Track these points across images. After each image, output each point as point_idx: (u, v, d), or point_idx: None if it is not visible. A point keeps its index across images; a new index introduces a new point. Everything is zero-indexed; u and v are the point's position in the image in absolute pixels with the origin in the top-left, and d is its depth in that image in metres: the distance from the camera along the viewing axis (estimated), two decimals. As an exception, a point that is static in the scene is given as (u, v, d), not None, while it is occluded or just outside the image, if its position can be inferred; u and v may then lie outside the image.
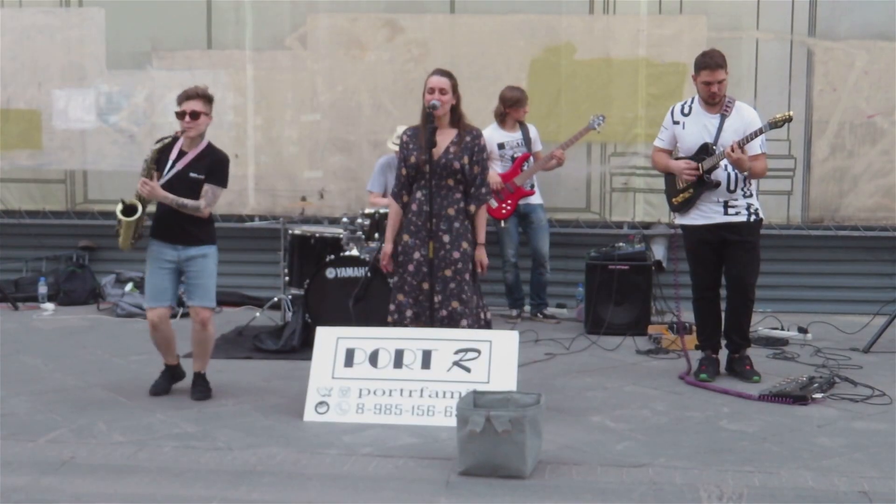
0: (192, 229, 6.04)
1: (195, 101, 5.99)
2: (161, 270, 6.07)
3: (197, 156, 6.03)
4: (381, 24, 9.43)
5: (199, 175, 6.00)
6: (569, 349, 7.66)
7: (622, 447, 5.21)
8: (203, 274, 6.08)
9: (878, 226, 9.20)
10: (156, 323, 6.09)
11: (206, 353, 6.22)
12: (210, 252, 6.10)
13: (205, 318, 6.09)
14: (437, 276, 5.93)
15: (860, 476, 4.75)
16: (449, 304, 5.96)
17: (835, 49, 9.04)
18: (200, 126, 6.02)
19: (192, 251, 6.03)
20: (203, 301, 6.09)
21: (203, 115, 6.01)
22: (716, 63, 6.41)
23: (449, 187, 6.01)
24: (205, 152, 6.06)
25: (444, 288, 5.96)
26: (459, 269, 5.96)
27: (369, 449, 5.14)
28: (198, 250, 6.05)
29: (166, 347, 6.24)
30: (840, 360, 7.17)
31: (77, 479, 4.74)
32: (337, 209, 9.37)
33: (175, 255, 6.04)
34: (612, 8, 9.22)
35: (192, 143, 6.05)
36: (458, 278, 5.96)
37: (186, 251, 6.03)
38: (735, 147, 6.23)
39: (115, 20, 9.67)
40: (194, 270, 6.06)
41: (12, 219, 10.03)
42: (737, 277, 6.58)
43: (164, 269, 6.07)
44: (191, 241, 6.04)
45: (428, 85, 5.98)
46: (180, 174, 5.99)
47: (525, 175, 8.63)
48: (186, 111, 5.96)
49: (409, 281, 6.00)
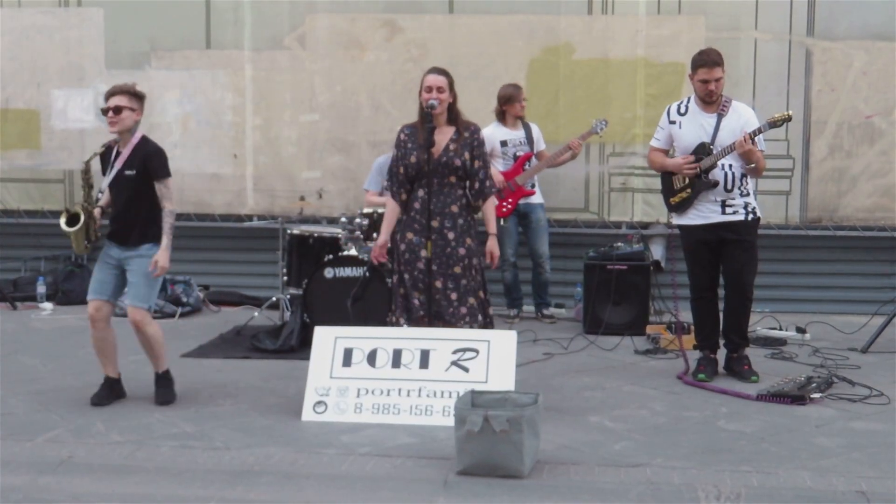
0: (136, 229, 5.89)
1: (119, 96, 5.86)
2: (104, 265, 5.96)
3: (131, 152, 5.91)
4: (379, 25, 9.44)
5: (132, 171, 5.86)
6: (567, 349, 7.66)
7: (620, 447, 5.21)
8: (136, 273, 5.87)
9: (877, 226, 9.20)
10: (93, 316, 5.90)
11: (156, 353, 6.02)
12: (148, 253, 5.88)
13: (137, 320, 5.87)
14: (447, 273, 5.94)
15: (858, 476, 4.75)
16: (466, 300, 5.97)
17: (833, 49, 9.05)
18: (125, 121, 5.87)
19: (132, 251, 5.89)
20: (133, 300, 5.88)
21: (126, 110, 5.86)
22: (713, 61, 6.41)
23: (451, 185, 6.01)
24: (137, 147, 5.91)
25: (458, 286, 5.96)
26: (467, 265, 5.98)
27: (367, 448, 5.15)
28: (136, 251, 5.89)
29: (104, 352, 6.02)
30: (838, 360, 7.17)
31: (75, 479, 4.74)
32: (335, 209, 9.37)
33: (118, 253, 5.92)
34: (611, 8, 9.23)
35: (125, 140, 5.93)
36: (468, 274, 5.97)
37: (127, 251, 5.90)
38: (747, 138, 6.24)
39: (113, 20, 9.67)
40: (132, 269, 5.89)
41: (11, 218, 10.03)
42: (735, 277, 6.58)
43: (107, 264, 5.95)
44: (132, 242, 5.89)
45: (425, 84, 5.98)
46: (118, 173, 5.90)
47: (527, 174, 8.63)
48: (110, 106, 5.86)
49: (423, 279, 5.97)
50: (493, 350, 5.73)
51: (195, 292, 9.33)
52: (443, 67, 6.10)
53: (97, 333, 5.98)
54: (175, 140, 9.60)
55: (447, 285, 5.95)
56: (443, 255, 5.94)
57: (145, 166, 5.89)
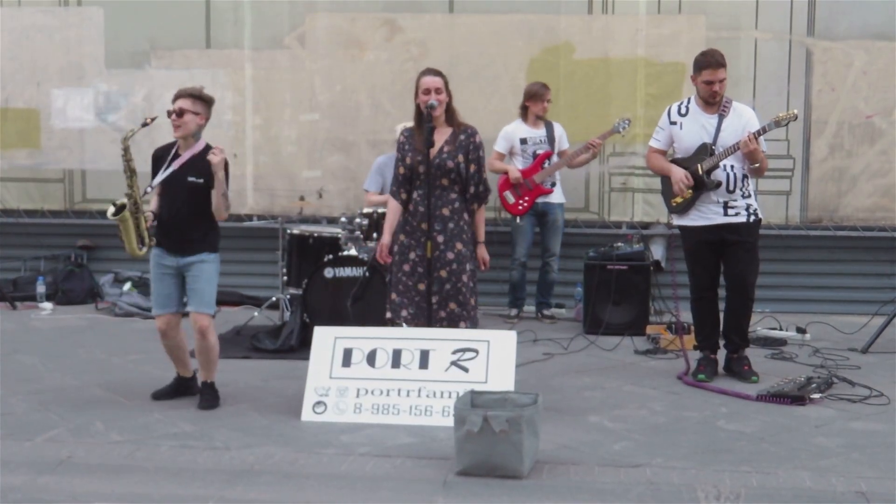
0: (191, 237, 5.84)
1: (184, 99, 5.80)
2: (163, 276, 5.90)
3: (192, 158, 5.84)
4: (379, 24, 9.44)
5: (198, 179, 5.78)
6: (567, 349, 7.66)
7: (620, 447, 5.21)
8: (200, 279, 5.85)
9: (877, 226, 9.20)
10: (163, 330, 5.93)
11: (211, 361, 6.00)
12: (210, 258, 5.88)
13: (202, 326, 5.83)
14: (432, 276, 5.92)
15: (858, 476, 4.75)
16: (447, 305, 5.96)
17: (833, 49, 9.05)
18: (188, 125, 5.79)
19: (190, 258, 5.83)
20: (199, 307, 5.84)
21: (189, 114, 5.78)
22: (717, 62, 6.41)
23: (443, 187, 6.00)
24: (201, 154, 5.83)
25: (441, 289, 5.95)
26: (454, 269, 5.95)
27: (367, 449, 5.14)
28: (196, 257, 5.84)
29: (175, 357, 6.08)
30: (838, 361, 7.17)
31: (74, 479, 4.73)
32: (335, 209, 9.38)
33: (174, 261, 5.86)
34: (611, 8, 9.23)
35: (186, 144, 5.86)
36: (453, 279, 5.95)
37: (184, 258, 5.84)
38: (752, 137, 6.23)
39: (113, 20, 9.68)
40: (191, 275, 5.85)
41: (11, 218, 10.03)
42: (737, 277, 6.57)
43: (165, 274, 5.89)
44: (189, 250, 5.83)
45: (422, 86, 5.96)
46: (177, 177, 5.81)
47: (545, 172, 8.61)
48: (174, 109, 5.79)
49: (405, 281, 6.00)
50: (493, 350, 5.72)
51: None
52: (436, 69, 6.09)
53: (169, 342, 6.02)
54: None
55: (430, 289, 5.93)
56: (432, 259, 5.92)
57: (212, 175, 5.77)
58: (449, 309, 5.96)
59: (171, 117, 5.81)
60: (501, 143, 8.67)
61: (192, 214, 5.83)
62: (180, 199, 5.82)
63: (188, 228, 5.83)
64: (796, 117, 6.46)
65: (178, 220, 5.83)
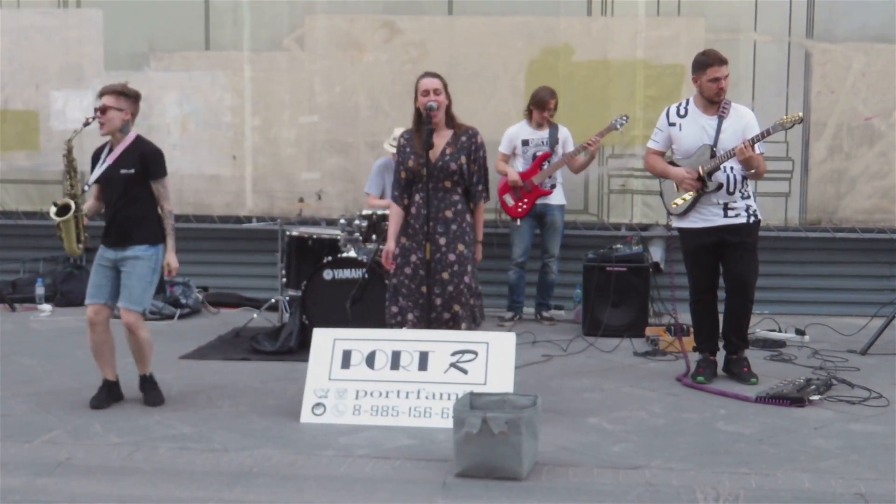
0: (129, 229, 5.86)
1: (108, 96, 5.84)
2: (100, 268, 5.91)
3: (124, 151, 5.89)
4: (378, 26, 9.44)
5: (129, 170, 5.84)
6: (566, 351, 7.66)
7: (619, 449, 5.21)
8: (131, 275, 5.83)
9: (876, 228, 9.21)
10: (92, 320, 5.85)
11: (145, 356, 6.00)
12: (146, 254, 5.86)
13: (129, 322, 5.83)
14: (434, 278, 5.92)
15: (857, 478, 4.74)
16: (450, 307, 5.96)
17: (832, 51, 9.05)
18: (113, 121, 5.84)
19: (127, 252, 5.85)
20: (127, 303, 5.82)
21: (113, 110, 5.83)
22: (721, 59, 6.45)
23: (446, 189, 6.00)
24: (133, 146, 5.89)
25: (444, 291, 5.95)
26: (456, 271, 5.95)
27: (366, 450, 5.14)
28: (132, 251, 5.85)
29: (102, 356, 5.96)
30: (837, 362, 7.17)
31: (73, 480, 4.73)
32: (334, 210, 9.38)
33: (112, 254, 5.88)
34: (611, 10, 9.23)
35: (116, 139, 5.91)
36: (455, 281, 5.95)
37: (122, 252, 5.86)
38: (748, 145, 6.24)
39: (112, 21, 9.68)
40: (124, 271, 5.86)
41: (10, 220, 10.03)
42: (737, 279, 6.57)
43: (102, 266, 5.90)
44: (126, 242, 5.86)
45: (421, 88, 5.97)
46: (111, 171, 5.86)
47: (544, 174, 8.61)
48: (97, 106, 5.85)
49: (408, 284, 5.99)
50: (492, 352, 5.72)
51: (194, 294, 9.33)
52: (435, 71, 6.10)
53: (96, 337, 5.93)
54: (174, 141, 9.61)
55: (433, 291, 5.93)
56: (432, 261, 5.92)
57: (144, 165, 5.87)
58: (453, 311, 5.96)
59: (95, 113, 5.87)
60: (505, 144, 8.70)
61: (127, 206, 5.88)
62: (116, 192, 5.88)
63: (124, 221, 5.88)
64: (801, 120, 6.46)
65: (116, 213, 5.89)
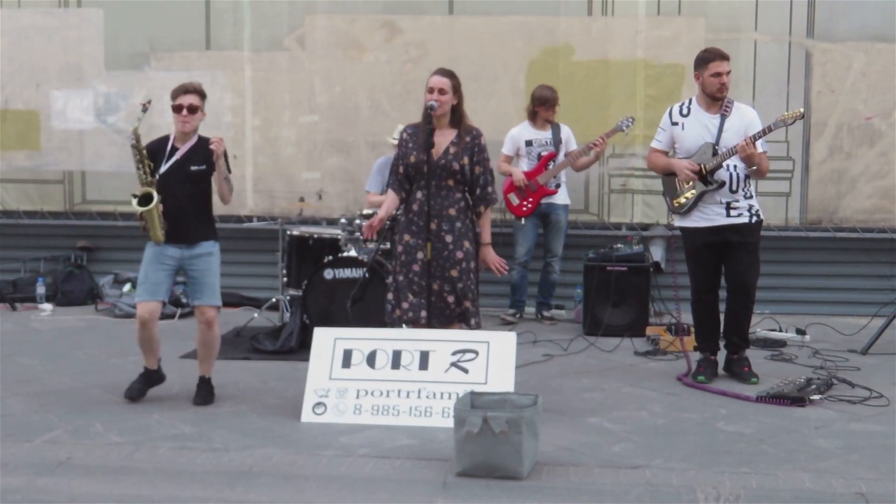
0: (197, 226, 5.95)
1: (192, 95, 5.92)
2: (160, 266, 5.93)
3: (192, 148, 5.96)
4: (379, 26, 9.44)
5: (201, 167, 5.93)
6: (566, 350, 7.66)
7: (619, 448, 5.21)
8: (209, 272, 5.97)
9: (876, 227, 9.21)
10: (146, 319, 5.89)
11: (213, 355, 6.12)
12: (215, 250, 6.03)
13: (211, 318, 5.98)
14: (444, 276, 5.92)
15: (857, 478, 4.75)
16: (462, 303, 5.97)
17: (833, 51, 9.05)
18: (196, 120, 5.95)
19: (197, 249, 5.94)
20: (210, 300, 5.98)
21: (199, 111, 5.95)
22: (722, 54, 6.48)
23: (449, 188, 5.99)
24: (199, 144, 5.98)
25: (454, 288, 5.94)
26: (465, 268, 5.95)
27: (366, 450, 5.14)
28: (203, 248, 5.95)
29: (150, 347, 6.04)
30: (838, 362, 7.17)
31: (74, 480, 4.73)
32: (335, 210, 9.38)
33: (179, 253, 5.92)
34: (611, 9, 9.23)
35: (185, 137, 5.97)
36: (464, 278, 5.95)
37: (191, 249, 5.93)
38: (749, 142, 6.24)
39: (113, 21, 9.67)
40: (200, 269, 5.96)
41: (10, 219, 10.03)
42: (738, 278, 6.57)
43: (164, 265, 5.93)
44: (196, 238, 5.94)
45: (428, 84, 5.95)
46: (180, 168, 5.91)
47: (549, 174, 8.62)
48: (184, 105, 5.89)
49: (418, 281, 5.97)
50: (493, 351, 5.72)
51: (195, 293, 9.32)
52: (450, 69, 6.06)
53: (147, 333, 5.97)
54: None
55: (444, 288, 5.94)
56: (440, 259, 5.92)
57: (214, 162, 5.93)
58: (464, 307, 5.97)
59: (181, 113, 5.89)
60: (508, 145, 8.70)
61: (196, 204, 5.96)
62: (183, 189, 5.91)
63: (193, 218, 5.94)
64: (802, 116, 6.47)
65: (183, 210, 5.91)
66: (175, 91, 5.96)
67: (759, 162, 6.35)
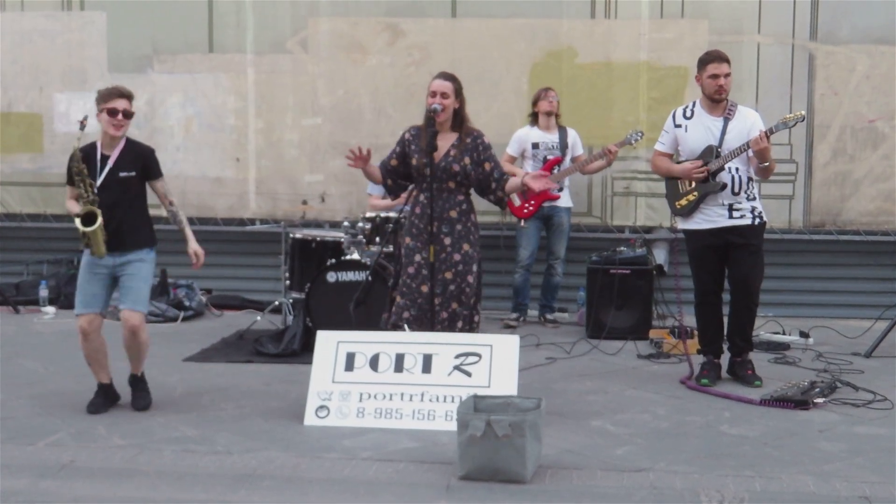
0: (130, 233, 5.80)
1: (126, 100, 5.79)
2: (94, 277, 5.82)
3: (122, 153, 5.81)
4: (382, 28, 9.44)
5: (129, 173, 5.78)
6: (570, 353, 7.65)
7: (623, 451, 5.20)
8: (136, 277, 5.80)
9: (880, 230, 9.20)
10: (86, 330, 5.78)
11: (142, 357, 5.98)
12: (147, 257, 5.86)
13: (134, 325, 5.80)
14: (437, 278, 5.92)
15: (861, 481, 4.74)
16: (449, 305, 5.96)
17: (836, 53, 9.04)
18: (128, 126, 5.82)
19: (128, 256, 5.80)
20: (134, 304, 5.80)
21: (131, 115, 5.82)
22: (721, 57, 6.49)
23: (450, 190, 6.00)
24: (127, 148, 5.83)
25: (444, 290, 5.95)
26: (460, 271, 5.95)
27: (369, 453, 5.13)
28: (134, 255, 5.81)
29: (97, 361, 5.92)
30: (842, 365, 7.15)
31: (76, 483, 4.73)
32: (338, 213, 9.38)
33: (111, 261, 5.79)
34: (614, 12, 9.22)
35: (113, 142, 5.83)
36: (457, 280, 5.95)
37: (123, 257, 5.79)
38: (763, 136, 6.24)
39: (116, 24, 9.67)
40: (128, 274, 5.81)
41: (13, 222, 10.03)
42: (742, 281, 6.56)
43: (97, 274, 5.81)
44: (128, 247, 5.80)
45: (430, 88, 5.96)
46: (111, 176, 5.77)
47: (554, 178, 8.60)
48: (119, 109, 5.74)
49: (409, 283, 5.99)
50: (496, 355, 5.72)
51: (197, 296, 9.33)
52: (451, 73, 6.07)
53: (91, 346, 5.88)
54: (177, 144, 9.62)
55: (434, 291, 5.93)
56: (436, 261, 5.92)
57: (144, 166, 5.85)
58: (451, 309, 5.96)
59: (115, 117, 5.75)
60: (513, 146, 8.70)
61: (128, 210, 5.82)
62: (115, 196, 5.78)
63: (125, 225, 5.80)
64: (804, 118, 6.46)
65: (116, 217, 5.76)
66: (107, 94, 5.79)
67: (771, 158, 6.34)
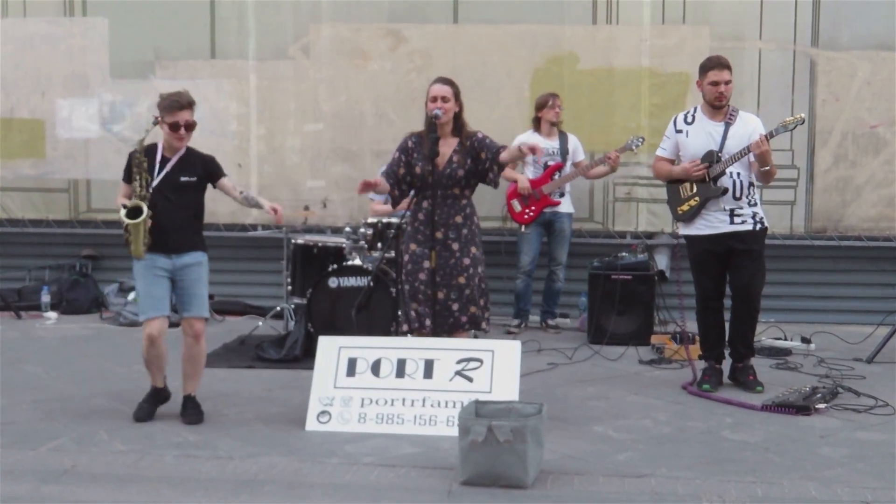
0: (187, 236, 5.81)
1: (188, 111, 5.78)
2: (157, 279, 5.76)
3: (181, 159, 5.82)
4: (383, 34, 9.45)
5: (191, 178, 5.80)
6: (571, 359, 7.65)
7: (624, 457, 5.20)
8: (198, 282, 5.81)
9: (881, 236, 9.20)
10: (154, 336, 5.68)
11: (199, 371, 5.91)
12: (204, 260, 5.88)
13: (199, 331, 5.80)
14: (451, 284, 5.94)
15: (862, 486, 4.73)
16: (467, 309, 6.00)
17: (837, 59, 9.05)
18: (190, 137, 5.83)
19: (186, 258, 5.79)
20: (200, 311, 5.81)
21: (195, 126, 5.83)
22: (722, 63, 6.49)
23: (454, 196, 6.02)
24: (188, 155, 5.84)
25: (461, 295, 5.97)
26: (471, 274, 5.99)
27: (371, 458, 5.14)
28: (192, 257, 5.81)
29: (158, 366, 5.84)
30: (843, 371, 7.15)
31: (78, 488, 4.73)
32: (339, 219, 9.38)
33: (169, 263, 5.77)
34: (615, 18, 9.23)
35: (175, 148, 5.84)
36: (471, 284, 5.98)
37: (181, 258, 5.78)
38: (763, 139, 6.24)
39: (118, 29, 9.69)
40: (190, 279, 5.80)
41: (15, 227, 10.04)
42: (743, 287, 6.56)
43: (158, 276, 5.76)
44: (186, 248, 5.80)
45: (430, 93, 5.98)
46: (170, 179, 5.77)
47: (554, 184, 8.62)
48: (181, 123, 5.74)
49: (424, 290, 5.99)
50: (498, 360, 5.72)
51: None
52: (448, 77, 6.09)
53: (157, 350, 5.77)
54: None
55: (449, 296, 5.96)
56: (446, 267, 5.95)
57: (207, 172, 5.86)
58: (470, 313, 6.00)
59: (178, 131, 5.76)
60: None
61: (185, 214, 5.83)
62: (174, 199, 5.79)
63: (182, 228, 5.81)
64: (803, 121, 6.48)
65: (174, 220, 5.77)
66: (169, 105, 5.76)
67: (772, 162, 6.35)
